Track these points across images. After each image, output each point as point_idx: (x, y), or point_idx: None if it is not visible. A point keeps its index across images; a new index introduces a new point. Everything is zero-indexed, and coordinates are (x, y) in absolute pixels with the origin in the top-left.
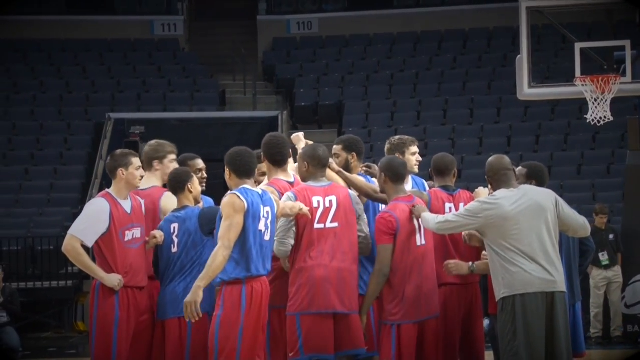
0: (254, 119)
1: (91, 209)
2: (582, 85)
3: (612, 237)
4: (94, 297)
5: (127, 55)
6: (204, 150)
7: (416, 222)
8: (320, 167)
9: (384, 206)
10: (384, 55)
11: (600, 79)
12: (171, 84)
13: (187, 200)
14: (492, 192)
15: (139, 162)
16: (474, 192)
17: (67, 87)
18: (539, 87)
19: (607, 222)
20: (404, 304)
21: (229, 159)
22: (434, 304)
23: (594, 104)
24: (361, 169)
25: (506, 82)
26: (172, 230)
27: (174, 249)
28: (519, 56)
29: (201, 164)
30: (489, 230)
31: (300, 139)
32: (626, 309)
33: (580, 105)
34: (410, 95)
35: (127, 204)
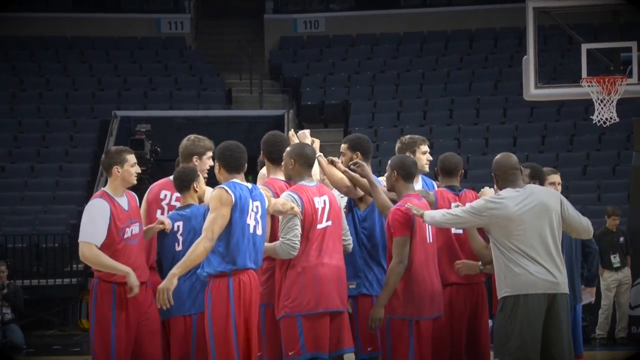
0: (260, 118)
1: (92, 210)
2: (589, 86)
3: (622, 239)
4: (92, 295)
5: (134, 53)
6: None
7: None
8: (306, 166)
9: None
10: (391, 54)
11: (606, 80)
12: (177, 82)
13: (192, 198)
14: (498, 191)
15: (134, 159)
16: (479, 192)
17: (73, 85)
18: (545, 88)
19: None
20: (420, 299)
21: (218, 154)
22: (441, 303)
23: (600, 104)
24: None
25: (512, 83)
26: (176, 228)
27: (179, 247)
28: (525, 57)
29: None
30: (493, 228)
31: (306, 135)
32: (630, 310)
33: (586, 106)
34: (416, 95)
35: (124, 200)
